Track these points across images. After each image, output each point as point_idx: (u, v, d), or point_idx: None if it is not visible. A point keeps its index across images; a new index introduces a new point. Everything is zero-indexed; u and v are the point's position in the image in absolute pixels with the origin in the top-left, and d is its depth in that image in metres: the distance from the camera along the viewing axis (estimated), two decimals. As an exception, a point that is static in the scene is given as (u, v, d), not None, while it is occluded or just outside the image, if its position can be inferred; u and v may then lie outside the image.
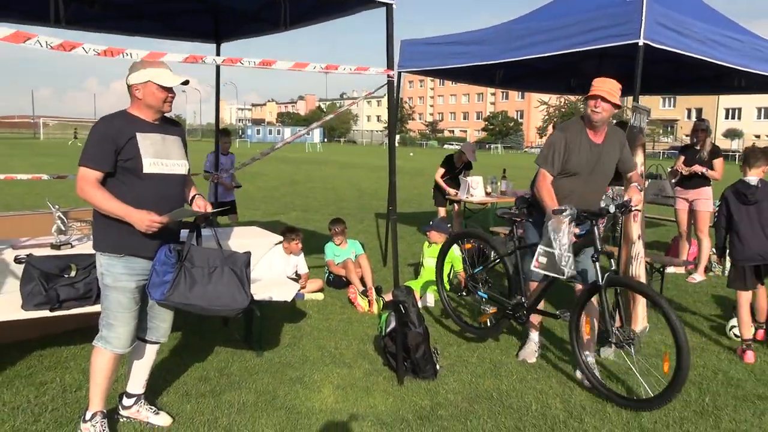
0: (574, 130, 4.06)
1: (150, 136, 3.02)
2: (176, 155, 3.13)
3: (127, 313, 3.05)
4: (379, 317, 5.11)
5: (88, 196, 2.91)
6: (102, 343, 3.07)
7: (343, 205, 13.62)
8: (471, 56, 6.16)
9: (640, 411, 3.64)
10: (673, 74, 7.65)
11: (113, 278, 3.01)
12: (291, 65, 3.49)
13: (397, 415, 3.56)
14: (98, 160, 2.91)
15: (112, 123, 2.97)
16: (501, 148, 72.18)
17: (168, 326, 3.34)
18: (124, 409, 3.39)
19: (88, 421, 3.12)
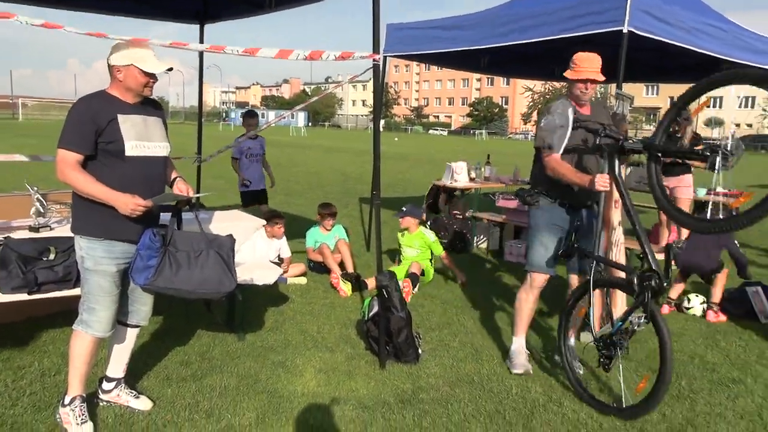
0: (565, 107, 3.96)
1: (131, 117, 2.97)
2: (158, 137, 3.09)
3: (108, 296, 3.02)
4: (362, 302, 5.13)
5: (69, 179, 2.86)
6: (82, 327, 3.04)
7: (327, 190, 13.59)
8: (456, 41, 6.14)
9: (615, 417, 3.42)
10: (656, 62, 7.68)
11: (94, 261, 2.98)
12: (275, 53, 3.44)
13: (378, 398, 3.58)
14: (78, 143, 2.85)
15: (91, 104, 2.91)
16: (485, 134, 72.30)
17: (148, 309, 3.32)
18: (103, 393, 3.37)
19: (67, 405, 3.09)
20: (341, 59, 3.54)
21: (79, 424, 3.05)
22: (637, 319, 3.34)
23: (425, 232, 6.25)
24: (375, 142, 3.94)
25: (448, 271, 6.61)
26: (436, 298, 5.69)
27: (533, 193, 4.02)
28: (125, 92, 2.97)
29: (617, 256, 4.99)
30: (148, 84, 2.98)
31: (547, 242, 3.98)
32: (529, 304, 4.09)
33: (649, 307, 3.30)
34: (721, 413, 3.57)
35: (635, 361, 4.26)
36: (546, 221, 3.98)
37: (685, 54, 5.81)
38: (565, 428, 3.33)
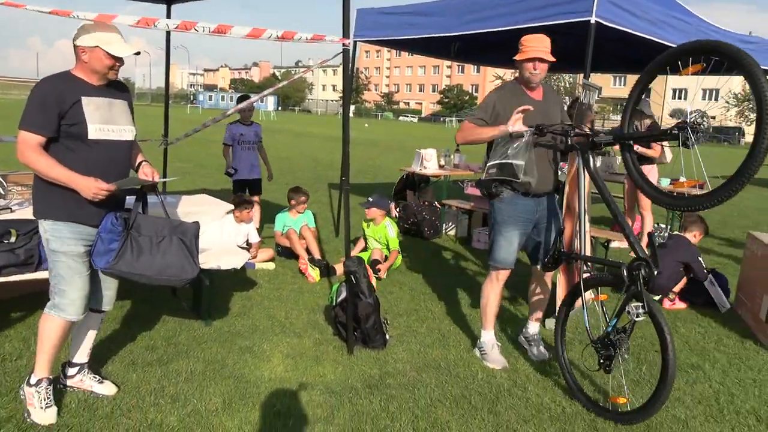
0: (510, 91, 3.91)
1: (95, 100, 2.90)
2: (123, 120, 3.03)
3: (79, 277, 2.96)
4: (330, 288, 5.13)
5: (30, 161, 2.79)
6: (54, 311, 2.97)
7: (297, 175, 13.50)
8: (425, 28, 6.14)
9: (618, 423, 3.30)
10: (623, 53, 7.76)
11: (61, 242, 2.92)
12: (247, 32, 3.39)
13: (346, 383, 3.60)
14: (40, 124, 2.78)
15: (55, 85, 2.84)
16: (455, 122, 72.53)
17: (113, 294, 3.27)
18: (67, 378, 3.31)
19: (33, 386, 3.03)
20: (313, 41, 3.51)
21: (43, 408, 2.99)
22: (635, 310, 3.16)
23: (388, 227, 6.20)
24: (344, 128, 3.93)
25: (417, 258, 6.66)
26: (404, 284, 5.73)
27: (496, 183, 3.85)
28: (90, 74, 2.90)
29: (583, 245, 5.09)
30: (114, 67, 2.91)
31: (511, 237, 3.89)
32: (495, 297, 4.04)
33: (643, 296, 3.16)
34: (679, 398, 3.68)
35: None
36: (509, 215, 3.87)
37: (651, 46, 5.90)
38: (529, 412, 3.40)
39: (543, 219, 3.97)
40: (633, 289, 3.23)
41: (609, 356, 3.37)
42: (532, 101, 3.81)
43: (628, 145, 3.33)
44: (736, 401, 3.69)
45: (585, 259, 3.74)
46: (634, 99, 3.39)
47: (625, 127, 3.36)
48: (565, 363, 3.71)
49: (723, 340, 4.73)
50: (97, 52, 2.84)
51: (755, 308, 4.99)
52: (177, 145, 6.46)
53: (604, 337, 3.40)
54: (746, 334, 4.85)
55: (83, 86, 2.89)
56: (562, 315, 3.78)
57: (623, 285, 3.27)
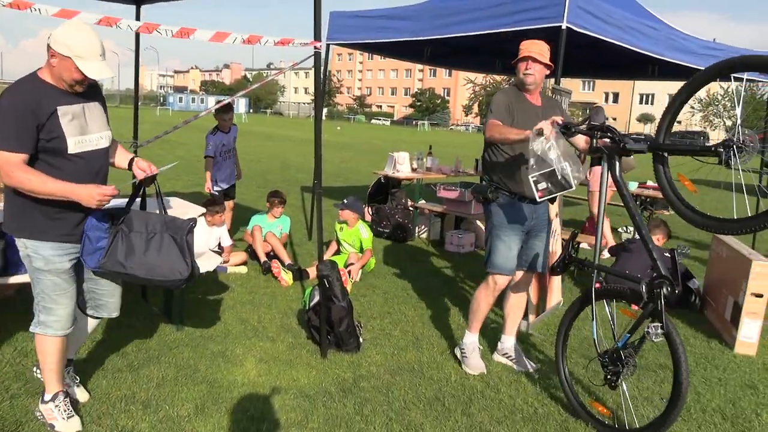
0: (513, 94, 3.84)
1: (71, 108, 2.68)
2: (98, 127, 2.84)
3: (64, 294, 2.84)
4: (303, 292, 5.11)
5: (19, 182, 2.56)
6: (41, 329, 2.87)
7: (268, 178, 13.42)
8: (397, 31, 6.17)
9: None
10: (592, 58, 7.92)
11: (44, 261, 2.76)
12: (211, 36, 3.36)
13: (319, 387, 3.59)
14: (20, 141, 2.53)
15: (27, 96, 2.58)
16: (427, 125, 72.86)
17: (117, 300, 3.15)
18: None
19: (49, 402, 2.95)
20: (281, 45, 3.49)
21: (65, 418, 2.94)
22: (653, 330, 2.95)
23: (361, 230, 6.18)
24: (316, 131, 3.92)
25: (390, 261, 6.67)
26: (377, 288, 5.73)
27: (493, 188, 3.80)
28: (58, 80, 2.66)
29: (553, 248, 5.16)
30: (82, 83, 2.68)
31: (510, 242, 3.80)
32: (488, 304, 3.95)
33: (663, 316, 2.97)
34: (648, 397, 3.75)
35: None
36: (507, 219, 3.80)
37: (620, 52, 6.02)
38: (502, 413, 3.43)
39: (536, 225, 3.90)
40: (652, 307, 3.03)
41: (617, 372, 3.20)
42: (531, 106, 3.81)
43: (662, 157, 3.05)
44: (703, 400, 3.77)
45: (600, 268, 3.49)
46: (674, 110, 3.11)
47: (661, 137, 3.10)
48: (566, 377, 3.56)
49: (690, 340, 4.84)
50: (67, 63, 2.59)
51: (720, 309, 5.11)
52: (147, 147, 6.34)
53: (614, 352, 3.22)
54: (712, 335, 4.97)
55: (56, 94, 2.66)
56: (566, 325, 3.61)
57: (640, 301, 3.08)
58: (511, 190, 3.78)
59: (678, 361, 2.94)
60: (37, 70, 2.72)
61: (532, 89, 3.83)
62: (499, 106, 3.73)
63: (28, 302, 4.46)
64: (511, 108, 3.74)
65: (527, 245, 3.94)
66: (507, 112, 3.72)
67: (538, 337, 4.66)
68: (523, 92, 3.84)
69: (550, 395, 3.68)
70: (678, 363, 2.94)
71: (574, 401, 3.47)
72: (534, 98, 3.87)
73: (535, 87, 3.83)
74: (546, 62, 3.74)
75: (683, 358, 2.93)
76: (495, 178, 3.85)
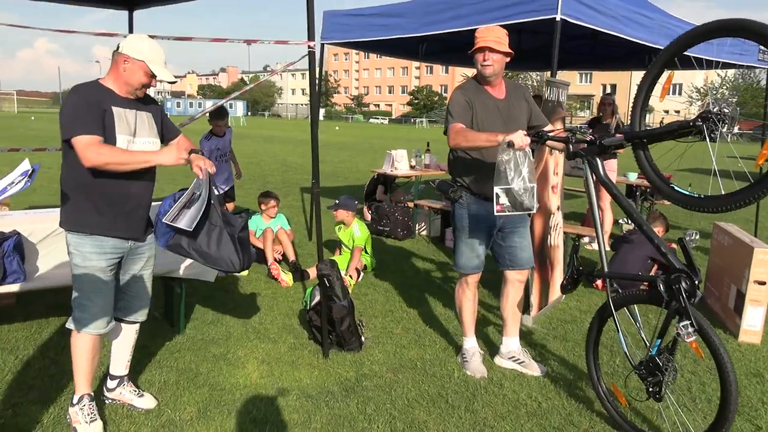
0: (471, 89, 3.63)
1: (123, 111, 2.85)
2: (146, 133, 2.96)
3: (99, 293, 2.91)
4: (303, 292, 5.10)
5: (107, 157, 2.70)
6: (76, 325, 2.94)
7: (267, 180, 13.40)
8: (391, 29, 6.15)
9: None
10: (588, 50, 7.90)
11: (82, 257, 2.87)
12: (210, 39, 3.36)
13: (322, 387, 3.57)
14: (93, 125, 2.71)
15: (91, 91, 2.80)
16: (426, 122, 72.84)
17: (145, 305, 3.24)
18: (108, 391, 3.29)
19: (75, 405, 3.00)
20: (278, 44, 3.49)
21: (88, 422, 2.97)
22: (684, 329, 2.77)
23: (354, 228, 6.12)
24: (313, 131, 3.91)
25: (390, 259, 6.66)
26: (378, 286, 5.72)
27: (456, 187, 3.68)
28: (122, 85, 2.86)
29: (555, 241, 5.15)
30: (147, 86, 2.89)
31: (473, 243, 3.73)
32: (469, 302, 3.90)
33: (689, 311, 2.79)
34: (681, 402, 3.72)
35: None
36: (471, 221, 3.70)
37: (615, 42, 5.99)
38: (505, 408, 3.41)
39: (508, 224, 3.75)
40: (675, 305, 2.85)
41: (658, 382, 2.98)
42: (493, 100, 3.63)
43: (642, 144, 2.99)
44: (708, 390, 3.75)
45: (612, 276, 3.34)
46: (644, 93, 3.04)
47: (636, 125, 3.05)
48: (605, 395, 3.34)
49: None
50: (139, 66, 2.81)
51: (723, 298, 5.09)
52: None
53: (649, 361, 3.02)
54: (715, 324, 4.95)
55: (113, 96, 2.84)
56: (592, 340, 3.41)
57: (661, 301, 2.90)
58: (473, 191, 3.67)
59: (720, 358, 2.71)
60: (98, 78, 2.92)
61: (493, 80, 3.61)
62: (458, 107, 3.52)
63: (29, 311, 4.49)
64: (471, 104, 3.55)
65: (505, 243, 3.80)
66: (467, 111, 3.53)
67: (542, 331, 4.64)
68: (483, 85, 3.63)
69: (554, 389, 3.66)
70: (720, 360, 2.71)
71: (616, 415, 3.26)
72: (496, 90, 3.66)
73: (496, 78, 3.60)
74: (505, 50, 3.51)
75: (725, 355, 2.71)
76: (459, 178, 3.72)
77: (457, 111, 3.51)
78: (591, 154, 3.20)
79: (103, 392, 3.30)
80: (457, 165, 3.73)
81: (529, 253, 3.90)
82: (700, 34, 2.68)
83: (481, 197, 3.66)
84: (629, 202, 3.19)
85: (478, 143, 3.34)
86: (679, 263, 2.88)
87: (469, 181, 3.68)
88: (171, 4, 5.92)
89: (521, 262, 3.86)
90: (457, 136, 3.40)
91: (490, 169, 3.47)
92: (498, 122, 3.55)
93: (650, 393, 3.04)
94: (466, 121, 3.50)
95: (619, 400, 3.30)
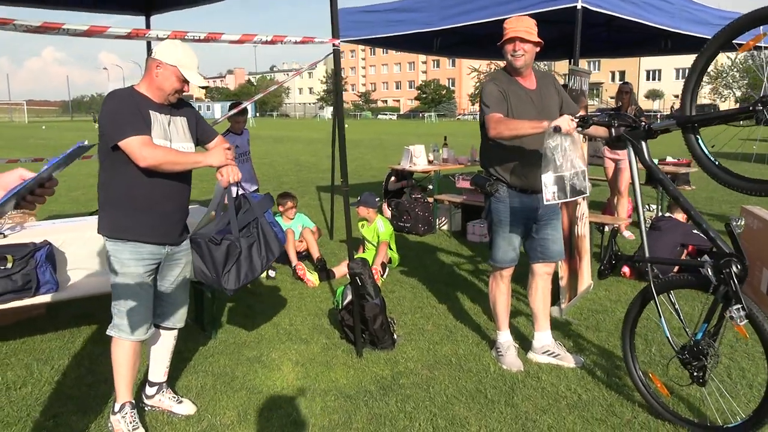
0: (503, 80, 3.59)
1: (158, 116, 2.87)
2: (180, 138, 2.96)
3: (137, 299, 2.92)
4: (333, 292, 5.09)
5: (162, 156, 2.76)
6: (116, 332, 2.96)
7: (283, 180, 13.42)
8: (408, 24, 6.11)
9: None
10: (605, 38, 7.81)
11: (120, 264, 2.88)
12: (237, 38, 3.35)
13: (359, 387, 3.56)
14: (139, 126, 2.74)
15: (129, 95, 2.84)
16: (435, 117, 72.68)
17: (183, 311, 3.26)
18: (147, 398, 3.30)
19: (117, 413, 3.01)
20: (302, 43, 3.48)
21: (130, 430, 2.98)
22: (736, 313, 2.74)
23: (378, 224, 6.12)
24: (339, 129, 3.90)
25: (414, 255, 6.64)
26: (405, 283, 5.70)
27: (492, 180, 3.64)
28: (155, 91, 2.87)
29: (581, 231, 5.10)
30: (180, 91, 2.91)
31: (511, 237, 3.70)
32: (503, 296, 3.86)
33: (741, 296, 2.75)
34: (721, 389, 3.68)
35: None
36: (508, 215, 3.66)
37: (632, 28, 5.93)
38: (546, 402, 3.38)
39: (544, 216, 3.73)
40: (724, 289, 2.83)
41: (702, 367, 2.98)
42: (525, 90, 3.58)
43: (693, 128, 2.92)
44: (748, 375, 3.70)
45: (653, 261, 3.29)
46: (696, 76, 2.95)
47: (686, 109, 2.96)
48: (641, 379, 3.34)
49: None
50: (172, 71, 2.82)
51: (755, 282, 5.02)
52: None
53: (694, 345, 3.01)
54: (749, 308, 4.88)
55: (147, 102, 2.86)
56: (630, 325, 3.38)
57: (709, 286, 2.89)
58: (510, 184, 3.63)
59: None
60: (133, 85, 2.93)
61: (524, 71, 3.58)
62: (493, 97, 3.47)
63: (58, 321, 4.51)
64: (505, 95, 3.50)
65: (538, 236, 3.77)
66: (503, 102, 3.48)
67: (573, 322, 4.61)
68: (514, 76, 3.60)
69: (593, 380, 3.63)
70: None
71: (655, 403, 3.23)
72: (527, 81, 3.62)
73: (527, 68, 3.57)
74: (535, 40, 3.48)
75: None
76: (494, 171, 3.66)
77: (492, 101, 3.46)
78: (636, 138, 3.15)
79: (142, 400, 3.30)
80: (492, 158, 3.67)
81: (561, 246, 3.87)
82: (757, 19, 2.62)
83: (518, 189, 3.63)
84: (675, 186, 3.14)
85: (523, 131, 3.25)
86: (728, 248, 2.84)
87: (506, 174, 3.62)
88: (187, 8, 5.93)
89: (553, 255, 3.83)
90: (499, 125, 3.32)
91: (530, 159, 3.47)
92: (532, 112, 3.50)
93: (694, 378, 3.03)
94: (503, 111, 3.44)
95: (660, 391, 3.26)
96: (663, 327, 3.18)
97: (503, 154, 3.60)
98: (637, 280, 5.62)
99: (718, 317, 2.92)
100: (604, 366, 3.82)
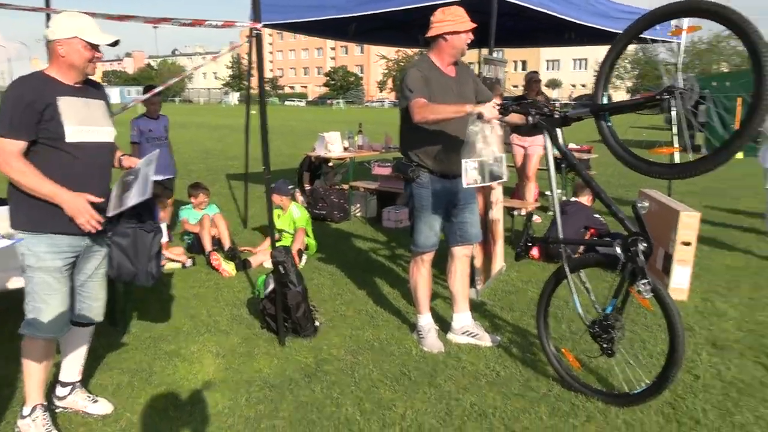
0: (425, 67, 3.66)
1: (71, 100, 2.68)
2: (102, 121, 2.80)
3: (55, 294, 2.74)
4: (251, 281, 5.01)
5: (13, 172, 2.58)
6: (30, 330, 2.75)
7: (190, 168, 12.97)
8: (325, 9, 6.05)
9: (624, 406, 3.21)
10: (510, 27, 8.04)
11: (36, 258, 2.69)
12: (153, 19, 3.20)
13: (284, 376, 3.54)
14: (19, 129, 2.56)
15: (30, 85, 2.62)
16: (343, 103, 72.53)
17: (101, 305, 3.07)
18: (58, 399, 3.10)
19: (27, 417, 2.82)
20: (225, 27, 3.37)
21: None
22: (644, 287, 2.93)
23: (293, 210, 6.12)
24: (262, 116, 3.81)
25: (331, 242, 6.64)
26: (323, 270, 5.69)
27: (413, 166, 3.70)
28: (67, 71, 2.69)
29: (496, 215, 5.27)
30: (93, 59, 2.71)
31: (432, 221, 3.78)
32: (424, 280, 3.93)
33: (646, 272, 2.95)
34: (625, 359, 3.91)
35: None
36: (430, 200, 3.72)
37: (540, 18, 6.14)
38: (467, 380, 3.50)
39: (462, 200, 3.83)
40: (631, 266, 3.02)
41: (611, 339, 3.20)
42: (445, 77, 3.67)
43: (605, 116, 3.10)
44: (648, 346, 3.98)
45: (567, 242, 3.49)
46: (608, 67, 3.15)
47: (599, 96, 3.14)
48: (553, 355, 3.52)
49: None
50: (74, 44, 2.64)
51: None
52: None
53: (603, 319, 3.22)
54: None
55: (58, 86, 2.67)
56: (544, 303, 3.57)
57: (617, 264, 3.08)
58: (431, 169, 3.69)
59: (670, 315, 2.94)
60: (43, 69, 2.74)
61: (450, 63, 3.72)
62: (417, 82, 3.53)
63: None
64: (427, 81, 3.58)
65: (457, 219, 3.88)
66: (425, 87, 3.55)
67: (488, 303, 4.77)
68: (437, 64, 3.68)
69: (510, 357, 3.79)
70: (671, 316, 2.94)
71: (567, 377, 3.42)
72: (447, 68, 3.72)
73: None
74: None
75: (675, 311, 2.94)
76: (414, 156, 3.72)
77: (416, 86, 3.51)
78: (552, 125, 3.31)
79: (53, 402, 3.12)
80: (412, 144, 3.72)
81: (478, 229, 3.99)
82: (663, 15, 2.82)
83: (439, 174, 3.70)
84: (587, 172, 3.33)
85: (446, 115, 3.33)
86: (634, 228, 3.04)
87: (427, 159, 3.68)
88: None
89: (471, 237, 3.95)
90: (423, 110, 3.38)
91: (450, 144, 3.55)
92: (452, 99, 3.58)
93: (604, 350, 3.25)
94: (425, 96, 3.49)
95: (572, 364, 3.45)
96: (575, 303, 3.39)
97: (424, 139, 3.65)
98: (545, 262, 5.89)
99: (624, 292, 3.15)
100: (520, 343, 3.99)
